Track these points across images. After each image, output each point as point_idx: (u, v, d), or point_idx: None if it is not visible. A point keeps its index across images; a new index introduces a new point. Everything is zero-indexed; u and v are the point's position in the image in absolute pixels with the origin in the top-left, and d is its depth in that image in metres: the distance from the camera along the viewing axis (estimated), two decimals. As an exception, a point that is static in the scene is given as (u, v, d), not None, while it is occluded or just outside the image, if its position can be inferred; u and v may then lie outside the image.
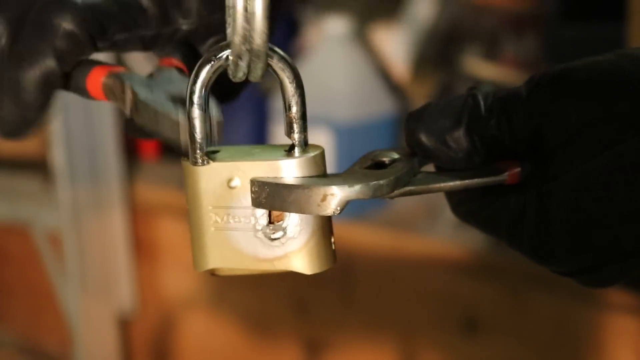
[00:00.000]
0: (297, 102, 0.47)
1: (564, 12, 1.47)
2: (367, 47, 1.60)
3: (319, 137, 1.44)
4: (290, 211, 0.47)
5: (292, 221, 0.48)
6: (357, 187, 0.47)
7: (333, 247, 0.49)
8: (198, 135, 0.48)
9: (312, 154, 0.48)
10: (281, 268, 0.48)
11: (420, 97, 1.60)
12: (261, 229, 0.48)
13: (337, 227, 0.50)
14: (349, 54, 1.49)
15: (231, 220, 0.48)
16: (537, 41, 1.53)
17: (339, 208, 0.46)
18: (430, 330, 1.41)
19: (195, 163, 0.48)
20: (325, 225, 0.48)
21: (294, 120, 0.47)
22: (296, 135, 0.48)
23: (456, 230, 1.39)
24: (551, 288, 1.29)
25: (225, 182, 0.48)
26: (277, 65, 0.47)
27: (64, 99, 1.56)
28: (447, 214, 1.42)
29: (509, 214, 0.49)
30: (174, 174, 1.68)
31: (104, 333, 1.70)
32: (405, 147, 0.52)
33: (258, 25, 0.45)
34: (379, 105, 1.50)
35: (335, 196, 0.46)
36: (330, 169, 0.50)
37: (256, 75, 0.47)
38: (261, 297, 1.56)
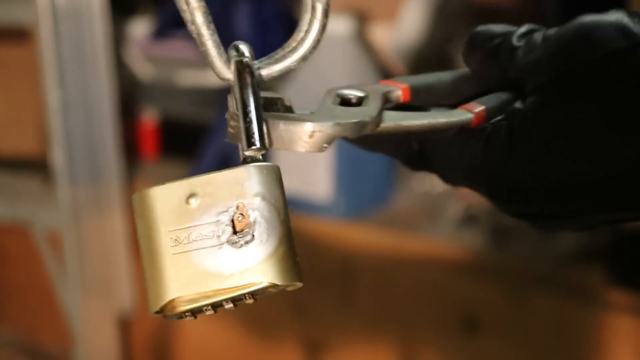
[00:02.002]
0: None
1: (564, 12, 1.47)
2: (367, 47, 1.60)
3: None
4: (275, 147, 0.46)
5: (259, 226, 0.45)
6: (344, 125, 0.46)
7: (300, 266, 0.46)
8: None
9: (267, 163, 0.46)
10: (249, 281, 0.45)
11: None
12: (227, 240, 0.45)
13: (337, 227, 0.50)
14: (349, 54, 1.49)
15: (192, 239, 0.45)
16: (537, 41, 1.53)
17: (326, 145, 0.46)
18: (430, 330, 1.41)
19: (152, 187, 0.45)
20: (292, 234, 0.46)
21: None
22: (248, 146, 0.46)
23: (456, 230, 1.39)
24: (551, 288, 1.29)
25: (183, 200, 0.46)
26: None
27: (64, 99, 1.56)
28: (447, 214, 1.42)
29: (472, 151, 0.49)
30: (174, 174, 1.68)
31: (104, 333, 1.70)
32: (367, 85, 0.51)
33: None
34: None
35: (324, 132, 0.46)
36: (330, 169, 0.50)
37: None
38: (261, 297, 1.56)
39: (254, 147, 0.46)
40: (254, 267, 0.45)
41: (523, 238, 1.35)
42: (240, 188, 0.46)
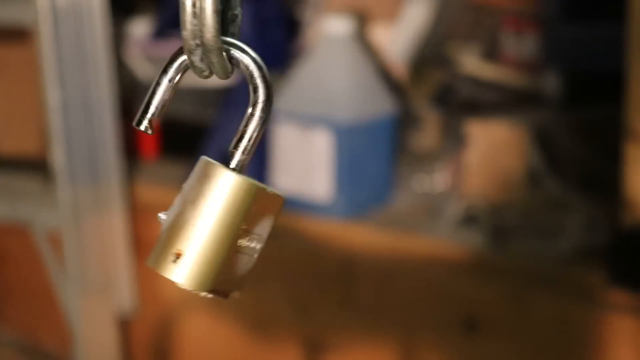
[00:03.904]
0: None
1: (564, 12, 1.47)
2: (367, 47, 1.60)
3: (319, 137, 1.44)
4: None
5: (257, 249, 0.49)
6: None
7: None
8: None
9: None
10: (236, 289, 0.49)
11: (420, 97, 1.60)
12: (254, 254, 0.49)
13: (337, 227, 0.50)
14: (349, 54, 1.49)
15: (248, 244, 0.48)
16: (537, 41, 1.53)
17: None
18: (430, 330, 1.41)
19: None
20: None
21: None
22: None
23: (456, 230, 1.39)
24: (551, 288, 1.29)
25: (260, 206, 0.48)
26: (240, 58, 0.48)
27: (64, 99, 1.56)
28: (447, 214, 1.42)
29: None
30: (174, 173, 1.68)
31: (104, 333, 1.70)
32: None
33: (207, 20, 0.45)
34: (379, 105, 1.50)
35: None
36: (330, 169, 0.51)
37: (217, 71, 0.47)
38: (261, 297, 1.56)
39: None
40: (242, 278, 0.49)
41: (523, 238, 1.35)
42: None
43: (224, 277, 0.48)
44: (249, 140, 0.50)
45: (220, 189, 0.47)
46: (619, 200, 1.24)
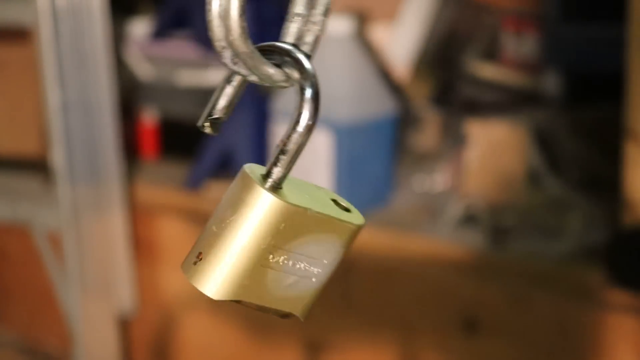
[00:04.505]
0: None
1: (564, 12, 1.46)
2: (367, 47, 1.60)
3: (319, 137, 1.44)
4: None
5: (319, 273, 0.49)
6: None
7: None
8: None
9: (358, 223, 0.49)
10: (286, 309, 0.49)
11: (420, 97, 1.60)
12: (299, 275, 0.48)
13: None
14: (349, 54, 1.49)
15: (287, 263, 0.47)
16: (537, 41, 1.53)
17: None
18: (430, 330, 1.41)
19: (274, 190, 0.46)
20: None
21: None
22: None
23: (456, 230, 1.39)
24: (551, 288, 1.29)
25: (296, 225, 0.47)
26: (285, 63, 0.46)
27: (64, 99, 1.56)
28: (447, 214, 1.42)
29: None
30: (174, 173, 1.68)
31: (104, 333, 1.70)
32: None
33: (232, 22, 0.44)
34: (379, 105, 1.50)
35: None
36: (329, 169, 0.50)
37: (260, 77, 0.46)
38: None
39: None
40: (297, 297, 0.49)
41: (523, 238, 1.35)
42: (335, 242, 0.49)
43: (253, 290, 0.47)
44: (290, 156, 0.47)
45: (248, 202, 0.46)
46: (619, 200, 1.24)
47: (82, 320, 1.65)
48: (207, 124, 0.48)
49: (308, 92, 0.48)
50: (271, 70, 0.47)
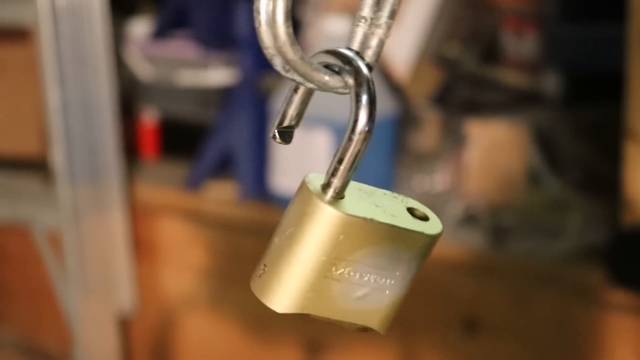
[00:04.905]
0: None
1: (564, 12, 1.46)
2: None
3: (319, 137, 1.44)
4: None
5: (393, 284, 0.47)
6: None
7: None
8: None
9: (437, 231, 0.47)
10: (361, 322, 0.47)
11: (420, 97, 1.60)
12: (370, 287, 0.46)
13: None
14: (349, 54, 1.48)
15: (353, 275, 0.46)
16: (537, 41, 1.53)
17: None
18: (430, 330, 1.41)
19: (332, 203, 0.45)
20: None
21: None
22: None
23: (456, 230, 1.39)
24: (551, 288, 1.29)
25: (359, 236, 0.45)
26: (341, 68, 0.45)
27: (64, 99, 1.56)
28: (447, 214, 1.42)
29: None
30: (174, 173, 1.68)
31: (104, 333, 1.70)
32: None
33: (279, 29, 0.43)
34: (379, 105, 1.50)
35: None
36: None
37: (313, 83, 0.44)
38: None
39: None
40: (370, 310, 0.47)
41: (523, 238, 1.35)
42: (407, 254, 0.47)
43: (319, 303, 0.46)
44: (348, 164, 0.46)
45: (304, 213, 0.45)
46: (619, 200, 1.24)
47: (82, 320, 1.65)
48: (277, 134, 0.47)
49: (364, 98, 0.46)
50: (326, 77, 0.45)
